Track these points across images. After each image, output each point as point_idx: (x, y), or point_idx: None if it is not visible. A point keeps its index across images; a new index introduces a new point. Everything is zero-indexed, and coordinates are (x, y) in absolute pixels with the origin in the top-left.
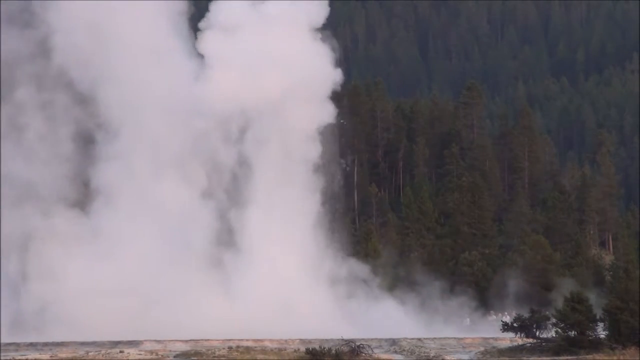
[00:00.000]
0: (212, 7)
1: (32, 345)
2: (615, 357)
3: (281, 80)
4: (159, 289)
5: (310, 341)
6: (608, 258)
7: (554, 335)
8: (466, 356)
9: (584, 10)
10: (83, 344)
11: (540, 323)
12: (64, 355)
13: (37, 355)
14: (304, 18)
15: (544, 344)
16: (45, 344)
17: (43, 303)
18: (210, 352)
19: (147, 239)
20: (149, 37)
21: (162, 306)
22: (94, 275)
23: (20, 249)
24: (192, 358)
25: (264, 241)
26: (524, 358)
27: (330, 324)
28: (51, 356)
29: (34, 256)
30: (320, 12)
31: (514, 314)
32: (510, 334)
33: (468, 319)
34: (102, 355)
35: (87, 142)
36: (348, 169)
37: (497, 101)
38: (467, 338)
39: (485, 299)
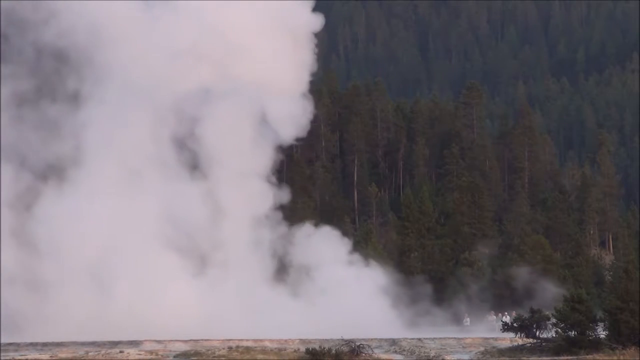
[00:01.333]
0: None
1: (32, 345)
2: (615, 357)
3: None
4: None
5: (310, 341)
6: (608, 258)
7: (554, 335)
8: (466, 356)
9: (584, 10)
10: (83, 344)
11: (540, 323)
12: (64, 355)
13: (37, 355)
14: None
15: (544, 344)
16: (45, 344)
17: None
18: (210, 352)
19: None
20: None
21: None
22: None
23: None
24: (192, 358)
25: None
26: (524, 358)
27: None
28: (51, 356)
29: None
30: None
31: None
32: (510, 334)
33: (468, 319)
34: (102, 355)
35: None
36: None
37: (497, 101)
38: (467, 338)
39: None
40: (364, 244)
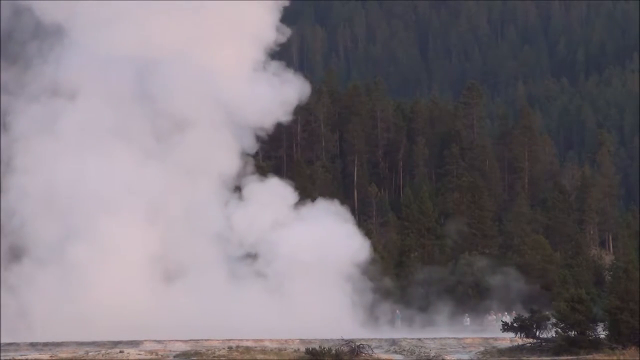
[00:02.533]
0: None
1: (32, 345)
2: (615, 357)
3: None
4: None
5: (310, 341)
6: (608, 258)
7: (554, 335)
8: (466, 356)
9: (584, 10)
10: (83, 344)
11: (540, 323)
12: (64, 355)
13: (37, 355)
14: None
15: (544, 344)
16: (45, 344)
17: None
18: (210, 352)
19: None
20: None
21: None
22: None
23: None
24: (192, 358)
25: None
26: (524, 358)
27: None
28: (51, 356)
29: None
30: None
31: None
32: (510, 334)
33: (468, 319)
34: (102, 355)
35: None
36: None
37: (497, 101)
38: (467, 338)
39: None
40: None
